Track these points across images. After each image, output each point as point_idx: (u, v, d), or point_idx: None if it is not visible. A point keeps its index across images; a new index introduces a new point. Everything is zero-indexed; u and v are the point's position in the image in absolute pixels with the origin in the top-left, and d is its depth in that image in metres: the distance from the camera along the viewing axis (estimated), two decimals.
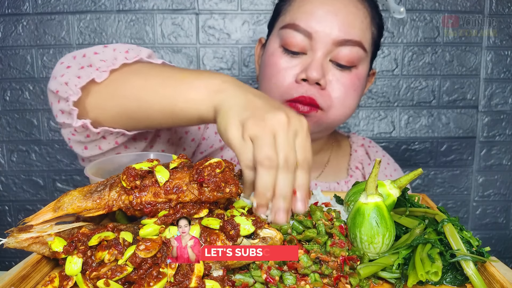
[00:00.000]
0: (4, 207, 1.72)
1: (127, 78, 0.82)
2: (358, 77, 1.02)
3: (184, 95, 0.75)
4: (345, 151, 1.27)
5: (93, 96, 0.82)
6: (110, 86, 0.82)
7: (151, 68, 0.84)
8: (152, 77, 0.81)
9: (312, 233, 0.63)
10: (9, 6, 1.56)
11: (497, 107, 1.71)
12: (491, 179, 1.76)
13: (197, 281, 0.53)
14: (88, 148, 0.90)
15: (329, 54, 0.99)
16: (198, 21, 1.61)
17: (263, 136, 0.63)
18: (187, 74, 0.78)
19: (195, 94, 0.74)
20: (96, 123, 0.84)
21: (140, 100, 0.80)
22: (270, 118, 0.65)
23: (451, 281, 0.59)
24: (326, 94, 0.99)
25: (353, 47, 0.98)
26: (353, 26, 0.98)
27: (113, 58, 0.85)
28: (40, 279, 0.58)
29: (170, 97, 0.77)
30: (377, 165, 0.62)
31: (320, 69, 0.96)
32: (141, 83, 0.80)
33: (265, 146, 0.62)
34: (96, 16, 1.58)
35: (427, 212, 0.69)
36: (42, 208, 0.63)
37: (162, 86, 0.78)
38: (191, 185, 0.60)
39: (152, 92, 0.79)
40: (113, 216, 0.70)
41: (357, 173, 1.21)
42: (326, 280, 0.57)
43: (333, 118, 1.02)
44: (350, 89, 1.01)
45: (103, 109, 0.83)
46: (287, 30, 1.00)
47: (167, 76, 0.80)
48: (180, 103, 0.76)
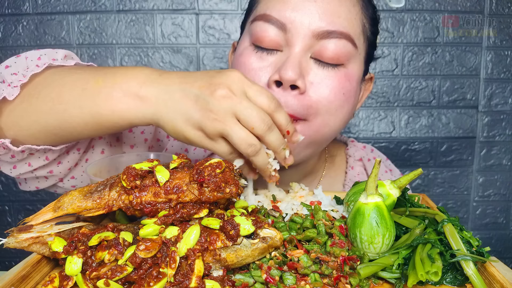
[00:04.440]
0: (4, 207, 1.72)
1: (39, 91, 0.74)
2: (348, 77, 0.83)
3: (105, 107, 0.70)
4: (339, 168, 1.10)
5: (8, 115, 0.75)
6: (23, 103, 0.74)
7: (64, 76, 0.76)
8: (67, 87, 0.73)
9: (312, 233, 0.63)
10: (9, 6, 1.56)
11: (497, 107, 1.71)
12: (491, 179, 1.76)
13: (197, 281, 0.53)
14: (17, 166, 0.82)
15: (309, 50, 0.81)
16: (198, 21, 1.61)
17: (229, 128, 0.64)
18: (101, 81, 0.72)
19: (116, 106, 0.70)
20: (16, 142, 0.77)
21: (58, 114, 0.73)
22: (216, 104, 0.64)
23: (451, 281, 0.59)
24: (306, 99, 0.80)
25: (339, 40, 0.80)
26: (338, 14, 0.81)
27: (24, 69, 0.78)
28: (40, 279, 0.58)
29: (91, 110, 0.71)
30: (377, 165, 0.62)
31: (297, 68, 0.78)
32: (55, 95, 0.73)
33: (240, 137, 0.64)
34: (96, 16, 1.58)
35: (427, 212, 0.69)
36: (42, 208, 0.63)
37: (79, 98, 0.71)
38: (191, 185, 0.60)
39: (70, 105, 0.72)
40: (113, 216, 0.70)
41: None
42: (326, 280, 0.57)
43: (321, 130, 0.84)
44: (338, 93, 0.82)
45: (21, 127, 0.75)
46: (257, 22, 0.83)
47: (82, 85, 0.72)
48: (104, 115, 0.70)
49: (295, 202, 0.78)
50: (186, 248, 0.55)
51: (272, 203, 0.78)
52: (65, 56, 0.84)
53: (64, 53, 0.83)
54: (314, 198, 0.82)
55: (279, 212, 0.72)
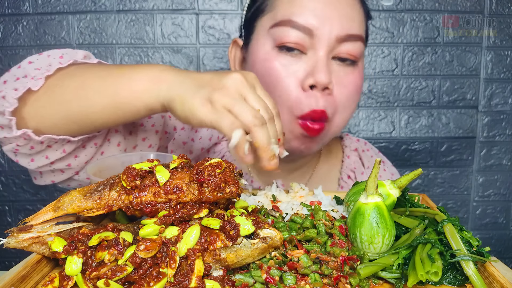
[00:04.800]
0: (4, 207, 1.72)
1: (63, 81, 0.80)
2: (360, 74, 0.96)
3: (125, 88, 0.74)
4: (336, 157, 1.16)
5: (32, 105, 0.80)
6: (47, 92, 0.79)
7: (87, 68, 0.82)
8: (90, 76, 0.79)
9: (312, 233, 0.63)
10: (9, 6, 1.56)
11: (497, 107, 1.71)
12: (491, 179, 1.76)
13: (197, 281, 0.53)
14: (35, 159, 0.86)
15: (331, 52, 0.90)
16: (198, 21, 1.61)
17: (236, 101, 0.67)
18: (125, 68, 0.77)
19: (136, 86, 0.74)
20: (38, 132, 0.81)
21: (80, 100, 0.77)
22: (229, 83, 0.68)
23: (451, 281, 0.59)
24: (333, 100, 0.91)
25: (356, 43, 0.91)
26: (353, 19, 0.90)
27: (47, 65, 0.82)
28: (40, 279, 0.58)
29: (111, 92, 0.75)
30: (377, 165, 0.62)
31: (328, 72, 0.88)
32: (78, 83, 0.78)
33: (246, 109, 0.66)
34: (96, 16, 1.58)
35: (427, 212, 0.69)
36: (42, 208, 0.63)
37: (101, 83, 0.76)
38: (191, 185, 0.60)
39: (91, 91, 0.77)
40: (113, 216, 0.70)
41: (349, 183, 1.09)
42: (326, 280, 0.57)
43: (336, 125, 0.95)
44: (353, 91, 0.94)
45: (43, 116, 0.80)
46: (281, 28, 0.89)
47: (104, 73, 0.78)
48: (122, 97, 0.74)
49: (295, 202, 0.78)
50: (186, 248, 0.55)
51: (272, 203, 0.78)
52: (85, 56, 0.87)
53: (84, 53, 0.87)
54: (314, 198, 0.82)
55: (279, 212, 0.72)
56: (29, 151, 0.83)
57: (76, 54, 0.86)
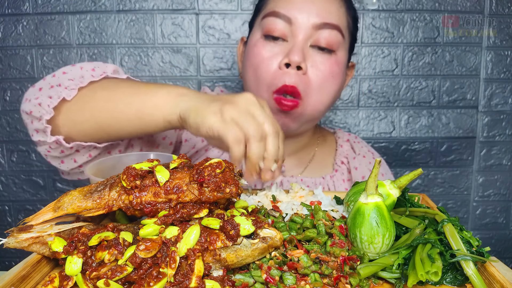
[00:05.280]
0: (4, 207, 1.72)
1: (95, 92, 0.89)
2: (338, 63, 1.05)
3: (150, 102, 0.83)
4: (330, 146, 1.30)
5: (65, 113, 0.89)
6: (79, 102, 0.88)
7: (117, 83, 0.92)
8: (119, 89, 0.88)
9: (312, 233, 0.63)
10: (9, 6, 1.56)
11: (497, 107, 1.71)
12: (491, 179, 1.76)
13: (197, 281, 0.53)
14: (65, 162, 0.97)
15: (309, 39, 1.02)
16: (198, 21, 1.61)
17: (243, 115, 0.74)
18: (151, 86, 0.87)
19: (159, 100, 0.82)
20: (68, 139, 0.91)
21: (109, 111, 0.86)
22: (241, 100, 0.76)
23: (451, 281, 0.59)
24: (306, 79, 1.02)
25: (332, 31, 1.02)
26: (330, 11, 1.03)
27: (80, 76, 0.92)
28: (40, 279, 0.58)
29: (137, 105, 0.84)
30: (377, 165, 0.62)
31: (301, 53, 0.99)
32: (108, 95, 0.88)
33: (251, 122, 0.73)
34: (96, 16, 1.58)
35: (427, 212, 0.69)
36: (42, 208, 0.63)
37: (129, 96, 0.86)
38: (191, 185, 0.60)
39: (119, 102, 0.86)
40: (113, 216, 0.70)
41: (342, 168, 1.23)
42: (326, 280, 0.57)
43: (312, 106, 1.05)
44: (329, 75, 1.04)
45: (74, 124, 0.89)
46: (268, 18, 1.04)
47: (133, 88, 0.88)
48: (146, 110, 0.83)
49: (295, 202, 0.78)
50: (186, 248, 0.55)
51: (272, 203, 0.78)
52: (114, 71, 0.98)
53: (113, 67, 0.98)
54: (314, 198, 0.82)
55: (279, 212, 0.72)
56: (59, 154, 0.94)
57: (106, 67, 0.96)
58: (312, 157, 1.25)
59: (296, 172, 1.21)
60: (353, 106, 1.70)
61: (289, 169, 1.20)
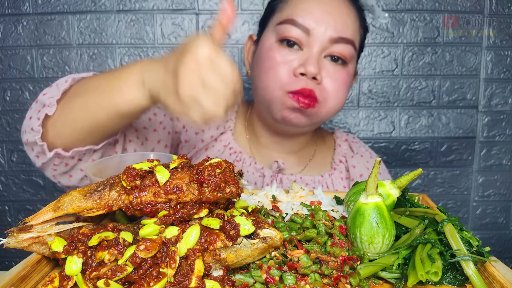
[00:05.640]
0: (4, 207, 1.72)
1: (69, 102, 0.92)
2: (348, 74, 1.09)
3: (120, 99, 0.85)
4: (329, 145, 1.33)
5: (52, 129, 0.93)
6: (60, 115, 0.92)
7: (86, 85, 0.94)
8: (88, 93, 0.91)
9: (312, 233, 0.63)
10: (9, 6, 1.56)
11: (497, 107, 1.71)
12: (491, 179, 1.76)
13: (197, 281, 0.53)
14: (73, 175, 1.00)
15: (324, 51, 1.04)
16: (198, 21, 1.61)
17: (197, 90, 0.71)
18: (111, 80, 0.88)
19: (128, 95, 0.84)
20: (66, 149, 0.94)
21: (87, 116, 0.89)
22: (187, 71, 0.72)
23: (451, 281, 0.59)
24: (322, 87, 1.05)
25: (346, 45, 1.05)
26: (347, 25, 1.05)
27: (57, 92, 0.95)
28: (40, 279, 0.58)
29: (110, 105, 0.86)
30: (377, 165, 0.62)
31: (317, 65, 1.02)
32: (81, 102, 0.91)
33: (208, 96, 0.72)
34: (96, 16, 1.58)
35: (427, 212, 0.69)
36: (42, 208, 0.63)
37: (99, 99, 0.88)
38: (191, 185, 0.60)
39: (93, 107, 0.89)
40: (113, 216, 0.70)
41: (340, 166, 1.25)
42: (326, 280, 0.57)
43: (327, 110, 1.08)
44: (342, 84, 1.07)
45: (64, 135, 0.93)
46: (285, 25, 1.05)
47: (99, 89, 0.89)
48: (121, 107, 0.85)
49: (295, 202, 0.78)
50: (186, 248, 0.55)
51: (272, 203, 0.78)
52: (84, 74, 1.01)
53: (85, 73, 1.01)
54: (314, 198, 0.82)
55: (279, 212, 0.72)
56: (64, 169, 0.97)
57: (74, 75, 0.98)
58: (312, 156, 1.28)
59: (296, 170, 1.23)
60: (353, 106, 1.70)
61: (290, 168, 1.22)
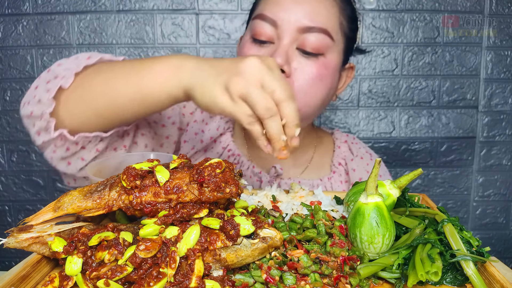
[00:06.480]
0: (4, 207, 1.72)
1: (91, 77, 0.85)
2: (326, 66, 1.01)
3: (149, 79, 0.79)
4: (328, 147, 1.28)
5: (64, 103, 0.85)
6: (77, 90, 0.84)
7: (113, 64, 0.88)
8: (115, 70, 0.85)
9: (312, 233, 0.63)
10: (9, 6, 1.56)
11: (497, 107, 1.71)
12: (491, 179, 1.76)
13: (197, 281, 0.53)
14: (71, 162, 0.92)
15: (295, 42, 0.98)
16: (198, 21, 1.61)
17: (251, 88, 0.70)
18: (146, 62, 0.83)
19: (159, 76, 0.78)
20: (72, 131, 0.87)
21: (108, 94, 0.83)
22: (246, 68, 0.71)
23: (451, 281, 0.59)
24: (290, 82, 0.98)
25: (319, 34, 0.98)
26: (318, 13, 0.98)
27: (76, 65, 0.88)
28: (40, 279, 0.58)
29: (136, 84, 0.80)
30: (377, 165, 0.62)
31: (284, 56, 0.96)
32: (105, 78, 0.84)
33: (261, 96, 0.69)
34: (96, 16, 1.58)
35: (427, 212, 0.69)
36: (42, 208, 0.63)
37: (125, 76, 0.82)
38: (191, 185, 0.60)
39: (117, 84, 0.82)
40: (113, 216, 0.70)
41: (340, 169, 1.20)
42: (326, 280, 0.57)
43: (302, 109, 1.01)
44: (315, 79, 0.99)
45: (75, 113, 0.86)
46: (256, 20, 1.02)
47: (128, 68, 0.84)
48: (147, 88, 0.79)
49: (295, 202, 0.78)
50: (186, 248, 0.55)
51: (272, 203, 0.78)
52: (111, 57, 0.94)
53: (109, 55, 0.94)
54: (314, 198, 0.82)
55: (279, 212, 0.72)
56: (65, 154, 0.89)
57: (102, 54, 0.92)
58: (310, 160, 1.23)
59: (294, 174, 1.19)
60: (353, 106, 1.70)
61: (287, 171, 1.17)
